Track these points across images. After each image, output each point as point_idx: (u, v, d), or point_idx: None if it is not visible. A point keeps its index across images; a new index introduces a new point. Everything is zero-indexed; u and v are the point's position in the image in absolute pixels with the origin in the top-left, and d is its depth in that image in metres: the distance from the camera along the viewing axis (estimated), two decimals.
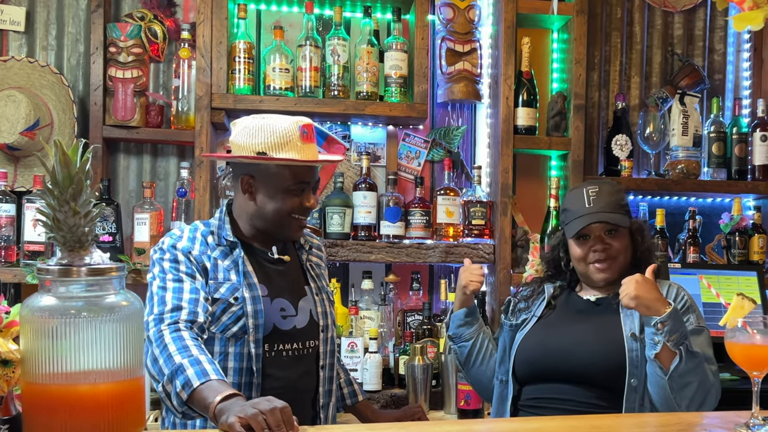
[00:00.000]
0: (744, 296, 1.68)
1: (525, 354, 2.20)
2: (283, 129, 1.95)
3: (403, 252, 3.00)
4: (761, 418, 1.62)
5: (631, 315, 2.10)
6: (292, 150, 1.95)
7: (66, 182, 1.41)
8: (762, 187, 3.30)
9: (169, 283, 1.92)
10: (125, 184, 3.08)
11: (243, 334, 1.96)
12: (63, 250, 1.44)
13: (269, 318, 1.99)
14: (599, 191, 2.21)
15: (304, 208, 2.02)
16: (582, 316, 2.20)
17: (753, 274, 3.14)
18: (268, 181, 2.00)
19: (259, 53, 3.06)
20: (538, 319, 2.26)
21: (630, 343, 2.06)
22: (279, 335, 2.01)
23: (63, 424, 1.36)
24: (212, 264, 1.99)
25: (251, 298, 1.97)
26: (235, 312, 1.96)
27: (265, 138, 1.95)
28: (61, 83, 2.90)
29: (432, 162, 3.29)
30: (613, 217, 2.18)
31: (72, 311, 1.39)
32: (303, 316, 2.07)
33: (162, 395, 1.75)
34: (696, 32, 3.49)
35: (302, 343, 2.05)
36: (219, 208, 2.13)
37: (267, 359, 1.98)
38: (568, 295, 2.31)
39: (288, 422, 1.51)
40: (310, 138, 2.01)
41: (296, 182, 1.99)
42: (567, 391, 2.08)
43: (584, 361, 2.07)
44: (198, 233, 2.03)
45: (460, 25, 3.10)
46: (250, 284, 1.99)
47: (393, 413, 2.32)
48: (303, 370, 2.05)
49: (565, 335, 2.15)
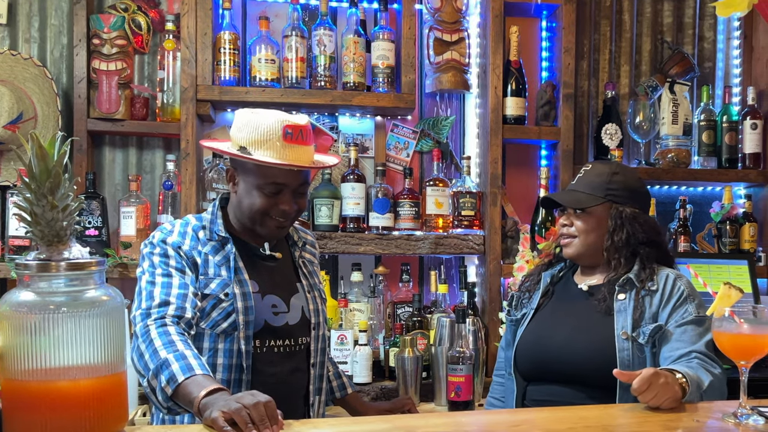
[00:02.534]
0: (731, 285, 1.67)
1: (524, 353, 2.19)
2: (265, 127, 1.91)
3: (393, 244, 2.98)
4: (749, 408, 1.62)
5: (624, 312, 2.07)
6: (270, 149, 1.90)
7: (43, 176, 1.39)
8: (752, 175, 3.30)
9: (158, 277, 1.90)
10: (111, 177, 3.05)
11: (233, 330, 1.94)
12: (41, 244, 1.42)
13: (260, 314, 1.98)
14: (589, 170, 2.22)
15: (279, 210, 1.97)
16: (576, 309, 2.17)
17: (744, 263, 3.14)
18: (246, 176, 1.97)
19: (244, 44, 3.03)
20: (535, 312, 2.24)
21: (621, 343, 2.03)
22: (270, 331, 1.99)
23: (44, 421, 1.34)
24: (203, 259, 1.97)
25: (242, 294, 1.95)
26: (225, 308, 1.94)
27: (248, 134, 1.92)
28: (44, 76, 2.87)
29: (421, 153, 3.27)
30: (573, 197, 2.18)
31: (51, 306, 1.36)
32: (295, 313, 2.05)
33: (147, 391, 1.74)
34: (685, 20, 3.47)
35: (294, 340, 2.03)
36: (212, 202, 2.10)
37: (257, 355, 1.97)
38: (565, 283, 2.29)
39: (272, 417, 1.50)
40: (297, 139, 1.92)
41: (268, 183, 1.94)
42: (563, 394, 2.06)
43: (576, 361, 2.05)
44: (189, 228, 2.00)
45: (447, 14, 3.08)
46: (240, 280, 1.97)
47: (382, 405, 2.31)
48: (294, 366, 2.03)
49: (557, 333, 2.13)
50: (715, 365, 1.93)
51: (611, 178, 2.18)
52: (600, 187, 2.17)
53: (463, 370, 2.61)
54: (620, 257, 2.13)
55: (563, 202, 2.21)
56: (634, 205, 2.17)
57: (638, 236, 2.13)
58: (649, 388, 1.67)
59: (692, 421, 1.63)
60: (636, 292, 2.09)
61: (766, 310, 1.64)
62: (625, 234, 2.13)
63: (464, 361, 2.61)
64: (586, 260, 2.21)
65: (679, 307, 2.05)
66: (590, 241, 2.17)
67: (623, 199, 2.17)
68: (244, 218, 2.01)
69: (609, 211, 2.16)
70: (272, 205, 1.96)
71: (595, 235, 2.17)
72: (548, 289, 2.28)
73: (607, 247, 2.15)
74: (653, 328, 2.03)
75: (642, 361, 2.02)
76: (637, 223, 2.15)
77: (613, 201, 2.16)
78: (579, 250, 2.19)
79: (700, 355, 1.95)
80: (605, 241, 2.15)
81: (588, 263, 2.23)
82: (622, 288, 2.11)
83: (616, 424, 1.62)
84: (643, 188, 2.25)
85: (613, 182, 2.17)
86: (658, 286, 2.09)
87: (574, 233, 2.19)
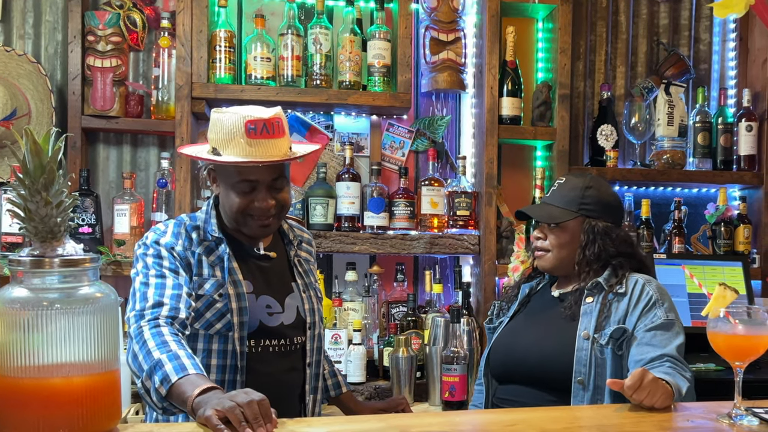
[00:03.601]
0: (726, 286, 1.67)
1: (495, 356, 2.24)
2: (229, 125, 1.87)
3: (388, 243, 2.98)
4: (743, 408, 1.62)
5: (589, 314, 2.09)
6: (235, 148, 1.87)
7: (37, 172, 1.38)
8: (747, 177, 3.30)
9: (151, 278, 1.88)
10: (105, 174, 3.04)
11: (227, 331, 1.93)
12: (35, 240, 1.41)
13: (254, 315, 1.97)
14: (563, 183, 2.25)
15: (256, 208, 1.93)
16: (545, 315, 2.21)
17: (738, 265, 3.14)
18: (222, 177, 1.97)
19: (240, 42, 3.02)
20: (510, 320, 2.29)
21: (580, 342, 2.05)
22: (265, 332, 1.98)
23: (36, 418, 1.34)
24: (196, 260, 1.96)
25: (236, 295, 1.94)
26: (219, 309, 1.93)
27: (216, 134, 1.91)
28: (38, 72, 2.85)
29: (416, 152, 3.27)
30: (547, 211, 2.21)
31: (45, 303, 1.36)
32: (290, 313, 2.04)
33: (141, 391, 1.73)
34: (682, 21, 3.48)
35: (289, 339, 2.02)
36: (207, 201, 2.08)
37: (252, 355, 1.96)
38: (542, 293, 2.32)
39: (266, 415, 1.49)
40: (262, 134, 1.87)
41: (240, 181, 1.91)
42: (524, 394, 2.11)
43: (537, 362, 2.09)
44: (182, 228, 1.99)
45: (444, 13, 3.08)
46: (234, 281, 1.96)
47: (376, 405, 2.30)
48: (290, 366, 2.03)
49: (525, 337, 2.18)
50: (686, 369, 1.95)
51: (584, 192, 2.20)
52: (573, 202, 2.19)
53: (457, 370, 2.61)
54: (590, 270, 2.16)
55: (536, 217, 2.27)
56: (607, 219, 2.19)
57: (609, 250, 2.16)
58: (642, 386, 1.67)
59: (686, 422, 1.63)
60: (604, 295, 2.11)
61: (760, 311, 1.64)
62: (597, 248, 2.16)
63: (458, 361, 2.61)
64: (559, 272, 2.26)
65: (648, 311, 2.06)
66: (563, 255, 2.21)
67: (596, 213, 2.19)
68: (229, 219, 2.00)
69: (582, 225, 2.19)
70: (249, 203, 1.93)
71: (569, 249, 2.20)
72: (526, 300, 2.32)
73: (578, 260, 2.18)
74: (615, 329, 2.04)
75: (602, 363, 2.03)
76: (609, 237, 2.17)
77: (585, 215, 2.19)
78: (552, 264, 2.23)
79: (672, 359, 1.95)
80: (577, 254, 2.18)
81: (562, 274, 2.27)
82: (591, 291, 2.14)
83: (610, 424, 1.61)
84: (616, 202, 2.28)
85: (587, 196, 2.20)
86: (627, 290, 2.11)
87: (547, 247, 2.22)
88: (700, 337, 1.85)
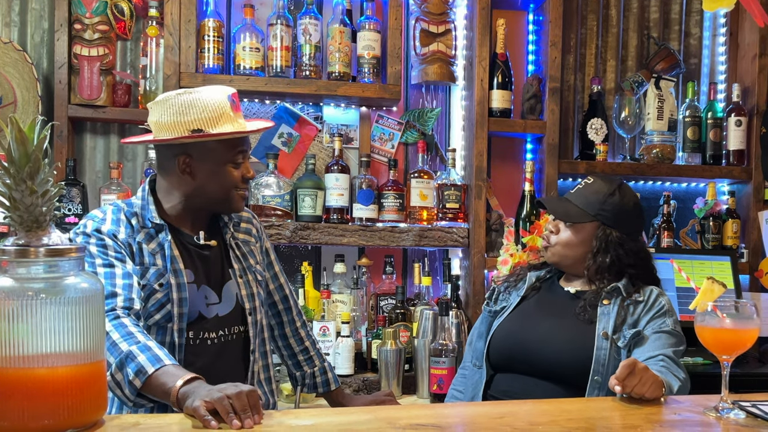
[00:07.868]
0: (714, 280, 1.67)
1: (499, 342, 2.20)
2: (216, 102, 1.89)
3: (376, 235, 2.97)
4: (730, 402, 1.62)
5: (607, 315, 2.09)
6: (227, 122, 1.90)
7: (22, 160, 1.37)
8: (736, 172, 3.31)
9: (99, 268, 1.81)
10: (92, 164, 3.01)
11: (166, 322, 1.88)
12: (20, 230, 1.40)
13: (194, 306, 1.92)
14: (590, 184, 2.23)
15: (245, 179, 1.98)
16: (559, 309, 2.19)
17: (726, 259, 3.16)
18: (208, 158, 1.92)
19: (228, 32, 3.00)
20: (516, 307, 2.25)
21: (600, 341, 2.05)
22: (203, 323, 1.94)
23: (20, 409, 1.32)
24: (137, 248, 1.90)
25: (177, 285, 1.89)
26: (159, 299, 1.88)
27: (198, 114, 1.87)
28: (24, 60, 2.82)
29: (406, 144, 3.26)
30: (564, 207, 2.20)
31: (30, 293, 1.34)
32: (228, 302, 1.99)
33: (111, 385, 1.66)
34: (672, 16, 3.48)
35: (227, 329, 1.98)
36: (141, 187, 2.02)
37: (190, 347, 1.91)
38: (551, 285, 2.30)
39: (254, 407, 1.48)
40: (238, 107, 1.97)
41: (237, 152, 1.94)
42: (534, 385, 2.09)
43: (552, 357, 2.07)
44: (122, 215, 1.93)
45: (434, 5, 3.07)
46: (176, 270, 1.91)
47: (363, 399, 2.30)
48: (229, 356, 1.98)
49: (537, 328, 2.15)
50: (681, 371, 1.95)
51: (607, 198, 2.18)
52: (593, 205, 2.18)
53: (445, 362, 2.61)
54: (603, 278, 2.15)
55: (552, 212, 2.24)
56: (622, 230, 2.17)
57: (623, 261, 2.15)
58: (632, 374, 1.68)
59: (674, 415, 1.63)
60: (622, 299, 2.12)
61: (748, 305, 1.65)
62: (609, 258, 2.15)
63: (447, 353, 2.61)
64: (564, 268, 2.26)
65: (658, 318, 2.08)
66: (570, 253, 2.20)
67: (612, 222, 2.17)
68: (208, 201, 1.96)
69: (596, 230, 2.17)
70: (239, 177, 1.96)
71: (576, 250, 2.19)
72: (534, 286, 2.29)
73: (589, 266, 2.17)
74: (633, 333, 2.05)
75: (617, 364, 2.02)
76: (622, 249, 2.16)
77: (602, 222, 2.17)
78: (558, 259, 2.23)
79: (667, 358, 1.96)
80: (588, 258, 2.17)
81: (567, 271, 2.27)
82: (609, 294, 2.13)
83: (599, 417, 1.61)
84: (636, 215, 2.24)
85: (608, 203, 2.17)
86: (644, 298, 2.12)
87: (555, 241, 2.22)
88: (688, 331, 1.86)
